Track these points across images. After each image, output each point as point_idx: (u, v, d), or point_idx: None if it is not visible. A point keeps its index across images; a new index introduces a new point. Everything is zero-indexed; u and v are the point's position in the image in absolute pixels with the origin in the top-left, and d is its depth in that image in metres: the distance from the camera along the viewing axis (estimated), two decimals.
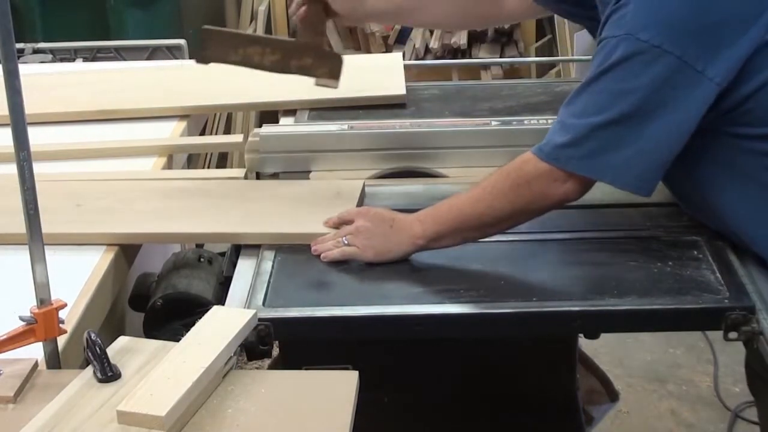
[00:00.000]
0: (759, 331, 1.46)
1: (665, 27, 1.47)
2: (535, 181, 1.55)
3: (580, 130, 1.52)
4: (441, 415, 1.99)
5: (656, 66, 1.47)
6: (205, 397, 1.30)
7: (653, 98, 1.49)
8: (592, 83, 1.53)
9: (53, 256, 1.37)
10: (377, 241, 1.63)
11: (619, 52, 1.49)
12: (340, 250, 1.63)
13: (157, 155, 2.11)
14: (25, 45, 3.09)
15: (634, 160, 1.51)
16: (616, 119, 1.50)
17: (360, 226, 1.65)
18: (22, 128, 1.27)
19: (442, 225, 1.61)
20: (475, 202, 1.60)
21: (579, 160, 1.52)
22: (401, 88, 2.32)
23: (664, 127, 1.50)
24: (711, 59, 1.47)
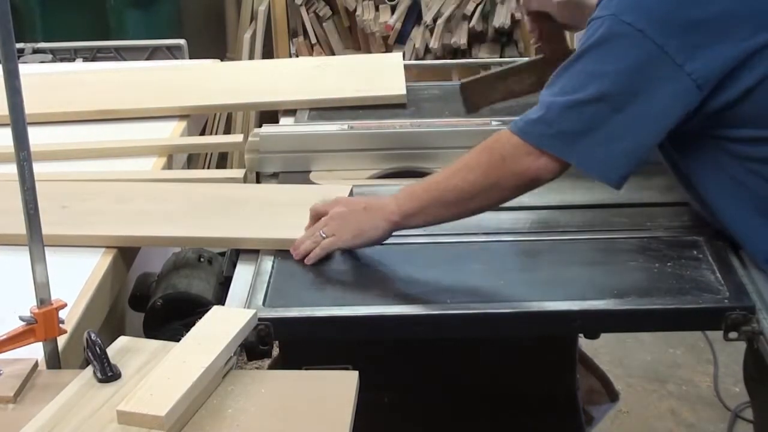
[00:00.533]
0: (759, 331, 1.46)
1: (650, 14, 1.46)
2: (508, 156, 1.55)
3: (553, 108, 1.52)
4: (441, 415, 1.99)
5: (635, 50, 1.47)
6: (205, 397, 1.30)
7: (627, 84, 1.48)
8: (573, 62, 1.53)
9: (53, 257, 1.37)
10: (352, 224, 1.62)
11: (601, 31, 1.49)
12: (319, 246, 1.62)
13: (157, 155, 2.11)
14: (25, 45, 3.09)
15: (603, 146, 1.50)
16: (589, 100, 1.49)
17: (333, 213, 1.64)
18: (22, 128, 1.27)
19: (416, 200, 1.60)
20: (450, 176, 1.59)
21: (550, 138, 1.52)
22: (401, 88, 2.32)
23: (635, 116, 1.49)
24: (692, 55, 1.46)
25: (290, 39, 4.64)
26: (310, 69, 2.60)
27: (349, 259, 1.65)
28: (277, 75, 2.59)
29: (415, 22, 4.52)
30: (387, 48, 4.54)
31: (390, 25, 4.47)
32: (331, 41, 4.67)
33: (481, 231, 1.72)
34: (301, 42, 4.64)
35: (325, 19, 4.64)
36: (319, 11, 4.62)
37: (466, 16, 4.36)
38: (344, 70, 2.56)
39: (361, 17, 4.52)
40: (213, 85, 2.49)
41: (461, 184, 1.57)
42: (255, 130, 2.06)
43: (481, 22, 4.36)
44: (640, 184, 1.78)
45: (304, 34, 4.65)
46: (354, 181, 1.96)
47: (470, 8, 4.35)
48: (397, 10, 4.50)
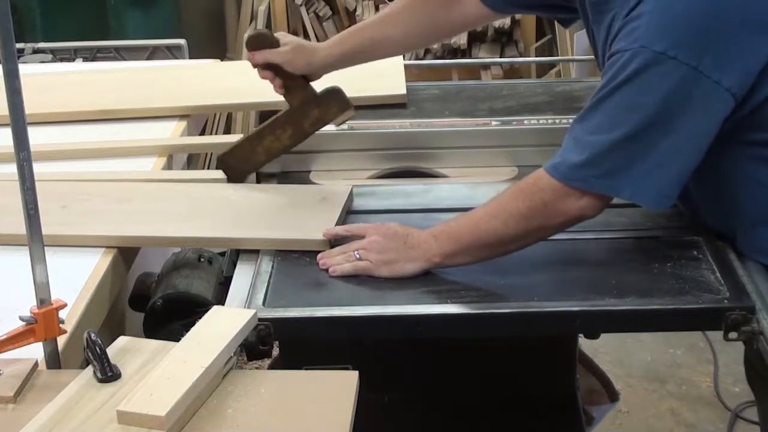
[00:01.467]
0: (759, 331, 1.46)
1: (680, 38, 1.45)
2: (550, 200, 1.53)
3: (597, 148, 1.50)
4: (441, 415, 1.99)
5: (672, 77, 1.45)
6: (205, 397, 1.30)
7: (669, 110, 1.46)
8: (607, 98, 1.50)
9: (53, 257, 1.37)
10: (391, 256, 1.60)
11: (634, 65, 1.46)
12: (352, 265, 1.60)
13: (157, 155, 2.11)
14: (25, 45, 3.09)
15: (653, 174, 1.49)
16: (633, 134, 1.48)
17: (373, 241, 1.61)
18: (22, 128, 1.27)
19: (457, 243, 1.58)
20: (490, 219, 1.57)
21: (597, 179, 1.50)
22: (401, 88, 2.32)
23: (681, 139, 1.48)
24: (726, 69, 1.45)
25: None
26: None
27: None
28: None
29: None
30: None
31: None
32: None
33: None
34: None
35: (325, 19, 4.64)
36: (319, 11, 4.62)
37: None
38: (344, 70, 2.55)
39: (361, 17, 4.52)
40: (213, 85, 2.49)
41: (503, 229, 1.56)
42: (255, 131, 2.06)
43: None
44: None
45: (304, 34, 4.65)
46: (354, 181, 1.96)
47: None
48: None
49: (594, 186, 1.51)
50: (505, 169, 2.01)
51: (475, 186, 1.94)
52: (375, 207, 1.85)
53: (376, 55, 1.96)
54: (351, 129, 2.07)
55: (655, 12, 1.47)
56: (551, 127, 2.02)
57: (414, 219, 1.77)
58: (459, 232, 1.59)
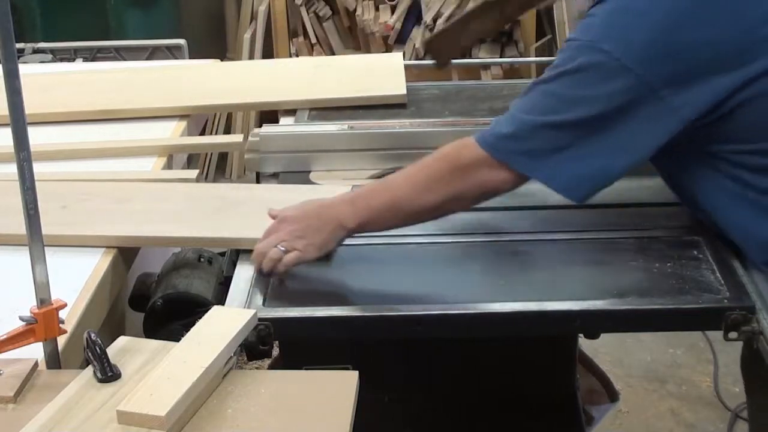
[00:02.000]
0: (759, 331, 1.46)
1: (631, 44, 1.44)
2: (473, 168, 1.54)
3: (525, 127, 1.52)
4: (441, 415, 1.99)
5: (615, 81, 1.45)
6: (205, 397, 1.30)
7: (603, 111, 1.46)
8: (549, 82, 1.52)
9: (53, 257, 1.37)
10: (312, 237, 1.58)
11: (581, 59, 1.48)
12: (283, 263, 1.58)
13: (157, 155, 2.11)
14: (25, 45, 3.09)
15: (571, 166, 1.50)
16: (562, 123, 1.49)
17: (290, 231, 1.59)
18: (22, 128, 1.27)
19: (373, 210, 1.58)
20: (411, 185, 1.57)
21: (518, 155, 1.52)
22: (401, 88, 2.32)
23: (607, 142, 1.48)
24: (677, 88, 1.44)
25: (290, 39, 4.64)
26: (310, 69, 2.60)
27: (349, 259, 1.65)
28: (277, 75, 2.59)
29: (415, 22, 4.53)
30: (387, 48, 4.54)
31: (390, 25, 4.47)
32: (331, 41, 4.67)
33: (480, 231, 1.72)
34: (301, 42, 4.64)
35: (325, 19, 4.64)
36: (319, 11, 4.62)
37: None
38: (344, 70, 2.55)
39: (361, 17, 4.52)
40: (213, 85, 2.49)
41: (423, 195, 1.56)
42: (255, 130, 2.06)
43: None
44: (640, 184, 1.78)
45: (304, 34, 4.65)
46: (354, 181, 1.96)
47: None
48: (397, 10, 4.50)
49: (514, 161, 1.52)
50: None
51: None
52: None
53: None
54: (351, 129, 2.07)
55: (613, 12, 1.47)
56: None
57: None
58: (375, 198, 1.59)
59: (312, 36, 4.64)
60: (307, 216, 1.61)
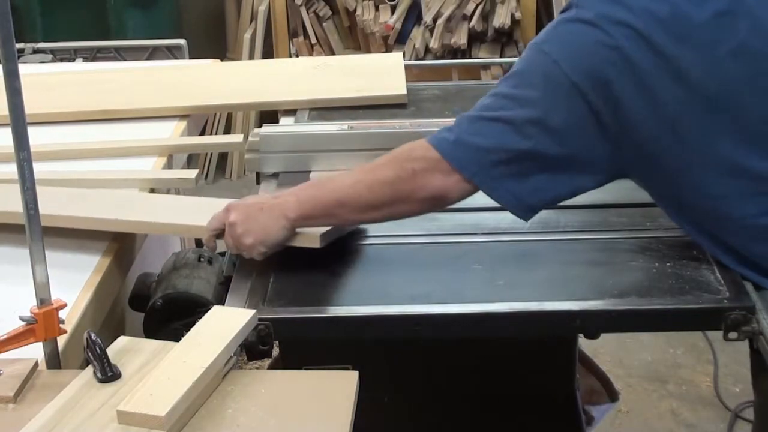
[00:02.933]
0: (759, 331, 1.46)
1: (567, 47, 1.46)
2: (420, 170, 1.50)
3: (460, 118, 1.52)
4: (440, 415, 1.99)
5: (546, 78, 1.45)
6: (205, 397, 1.30)
7: (533, 111, 1.46)
8: (499, 84, 1.53)
9: (53, 257, 1.37)
10: (254, 229, 1.57)
11: (524, 58, 1.50)
12: (230, 248, 1.60)
13: (157, 155, 2.11)
14: (25, 45, 3.09)
15: (488, 157, 1.48)
16: (495, 118, 1.48)
17: (231, 223, 1.58)
18: (22, 128, 1.27)
19: (319, 205, 1.56)
20: (356, 182, 1.56)
21: (448, 144, 1.50)
22: (401, 88, 2.32)
23: (529, 142, 1.46)
24: (586, 77, 1.43)
25: (290, 39, 4.64)
26: (310, 69, 2.60)
27: (349, 259, 1.65)
28: (278, 75, 2.59)
29: (415, 22, 4.53)
30: (387, 48, 4.54)
31: (390, 25, 4.47)
32: (331, 41, 4.68)
33: (480, 231, 1.72)
34: (301, 42, 4.64)
35: (325, 19, 4.64)
36: (319, 11, 4.62)
37: (466, 16, 4.36)
38: (344, 70, 2.55)
39: (361, 17, 4.52)
40: (213, 85, 2.49)
41: (367, 195, 1.54)
42: (255, 130, 2.06)
43: (481, 22, 4.36)
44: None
45: (304, 34, 4.65)
46: None
47: (470, 8, 4.35)
48: (397, 10, 4.50)
49: (444, 149, 1.50)
50: None
51: None
52: None
53: None
54: (351, 129, 2.07)
55: (560, 22, 1.49)
56: None
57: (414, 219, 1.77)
58: (322, 192, 1.57)
59: (312, 36, 4.64)
60: (247, 209, 1.59)
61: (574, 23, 1.47)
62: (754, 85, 1.45)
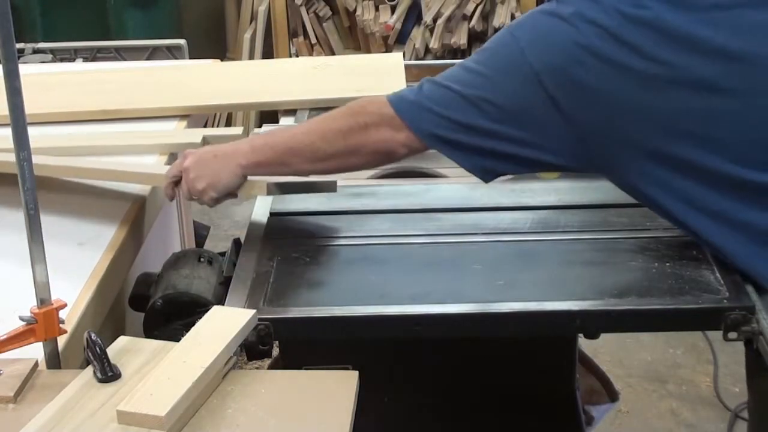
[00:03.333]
0: (759, 331, 1.46)
1: (532, 31, 1.48)
2: (372, 123, 1.55)
3: (423, 81, 1.55)
4: (441, 415, 1.99)
5: (507, 58, 1.49)
6: (205, 397, 1.30)
7: (489, 86, 1.49)
8: (468, 59, 1.58)
9: (53, 257, 1.37)
10: (205, 174, 1.61)
11: (496, 36, 1.54)
12: (184, 194, 1.65)
13: (158, 153, 2.11)
14: (25, 45, 3.09)
15: (442, 123, 1.51)
16: (454, 88, 1.51)
17: (185, 168, 1.63)
18: (22, 128, 1.27)
19: (269, 151, 1.60)
20: (309, 132, 1.59)
21: (406, 103, 1.54)
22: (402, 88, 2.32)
23: (482, 118, 1.49)
24: (549, 72, 1.45)
25: (290, 39, 4.64)
26: (310, 69, 2.60)
27: (349, 259, 1.65)
28: (277, 75, 2.59)
29: (415, 22, 4.53)
30: (387, 48, 4.54)
31: (390, 25, 4.47)
32: (331, 41, 4.68)
33: (480, 231, 1.72)
34: (301, 42, 4.64)
35: (325, 19, 4.64)
36: (319, 11, 4.62)
37: (466, 16, 4.36)
38: (344, 70, 2.56)
39: (361, 17, 4.52)
40: (213, 85, 2.49)
41: (319, 144, 1.57)
42: (255, 130, 2.06)
43: (481, 22, 4.37)
44: None
45: (304, 34, 4.65)
46: (354, 181, 1.96)
47: (470, 8, 4.35)
48: (397, 10, 4.50)
49: (417, 127, 1.53)
50: None
51: (475, 186, 1.94)
52: (375, 207, 1.85)
53: None
54: None
55: (539, 12, 1.50)
56: None
57: (414, 219, 1.77)
58: (275, 140, 1.61)
59: (312, 36, 4.64)
60: (203, 154, 1.64)
61: (551, 17, 1.48)
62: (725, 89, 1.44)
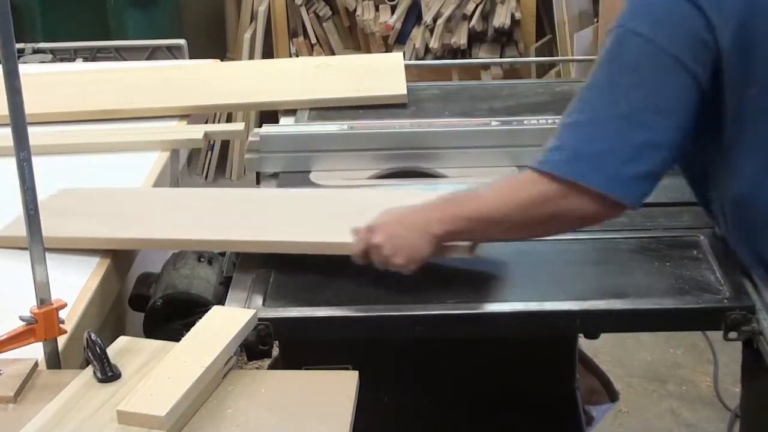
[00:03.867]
0: (759, 331, 1.46)
1: (650, 15, 1.39)
2: (541, 202, 1.42)
3: (561, 129, 1.43)
4: (441, 415, 1.99)
5: (638, 54, 1.38)
6: (205, 397, 1.30)
7: (622, 83, 1.39)
8: (585, 84, 1.44)
9: (53, 257, 1.37)
10: (402, 248, 1.50)
11: (608, 45, 1.42)
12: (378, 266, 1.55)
13: (159, 149, 2.11)
14: (25, 45, 3.09)
15: (606, 157, 1.38)
16: (588, 117, 1.40)
17: (377, 245, 1.52)
18: (22, 128, 1.27)
19: (464, 220, 1.49)
20: (501, 202, 1.48)
21: (562, 163, 1.40)
22: (402, 88, 2.32)
23: (635, 114, 1.38)
24: (684, 47, 1.37)
25: (290, 39, 4.64)
26: (310, 69, 2.60)
27: (348, 259, 1.65)
28: (277, 75, 2.59)
29: (415, 22, 4.53)
30: (387, 48, 4.54)
31: (390, 25, 4.47)
32: (331, 41, 4.67)
33: None
34: (301, 42, 4.64)
35: (325, 19, 4.64)
36: (319, 11, 4.62)
37: (466, 16, 4.36)
38: (344, 70, 2.56)
39: (361, 17, 4.52)
40: (213, 85, 2.49)
41: (512, 215, 1.46)
42: (255, 130, 2.06)
43: (481, 22, 4.36)
44: None
45: (304, 34, 4.65)
46: (354, 181, 1.96)
47: (470, 8, 4.35)
48: (397, 10, 4.50)
49: (560, 170, 1.40)
50: (505, 169, 2.00)
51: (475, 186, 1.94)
52: None
53: None
54: (351, 129, 2.07)
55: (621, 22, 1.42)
56: (551, 127, 2.02)
57: None
58: (465, 211, 1.50)
59: (312, 36, 4.64)
60: (393, 227, 1.53)
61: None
62: None
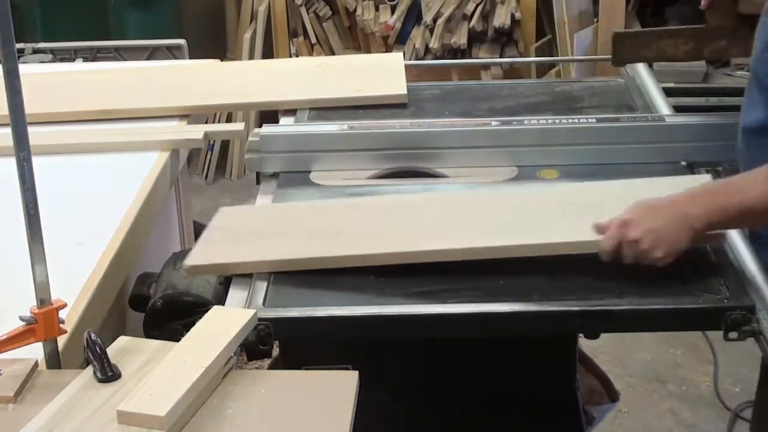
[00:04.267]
0: (759, 331, 1.46)
1: None
2: None
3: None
4: (440, 415, 1.99)
5: None
6: (205, 397, 1.30)
7: None
8: None
9: (53, 257, 1.37)
10: (662, 242, 1.50)
11: None
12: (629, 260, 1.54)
13: (159, 149, 2.11)
14: (25, 45, 3.09)
15: None
16: None
17: (634, 240, 1.51)
18: (22, 128, 1.27)
19: (724, 212, 1.50)
20: (760, 193, 1.47)
21: None
22: (402, 88, 2.32)
23: None
24: None
25: (290, 39, 4.64)
26: (310, 69, 2.60)
27: None
28: (277, 75, 2.59)
29: (415, 22, 4.53)
30: (387, 48, 4.54)
31: (390, 25, 4.47)
32: (331, 41, 4.68)
33: None
34: (301, 42, 4.64)
35: (325, 19, 4.64)
36: (319, 11, 4.62)
37: (466, 16, 4.36)
38: (344, 70, 2.55)
39: (361, 17, 4.52)
40: (213, 85, 2.49)
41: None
42: (255, 130, 2.06)
43: (481, 22, 4.36)
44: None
45: (304, 34, 4.65)
46: (354, 181, 1.96)
47: (470, 8, 4.35)
48: (397, 10, 4.50)
49: None
50: (505, 169, 2.00)
51: (475, 186, 1.94)
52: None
53: None
54: (351, 129, 2.07)
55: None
56: (551, 127, 2.02)
57: None
58: (724, 203, 1.50)
59: (312, 36, 4.64)
60: (649, 220, 1.52)
61: None
62: None
